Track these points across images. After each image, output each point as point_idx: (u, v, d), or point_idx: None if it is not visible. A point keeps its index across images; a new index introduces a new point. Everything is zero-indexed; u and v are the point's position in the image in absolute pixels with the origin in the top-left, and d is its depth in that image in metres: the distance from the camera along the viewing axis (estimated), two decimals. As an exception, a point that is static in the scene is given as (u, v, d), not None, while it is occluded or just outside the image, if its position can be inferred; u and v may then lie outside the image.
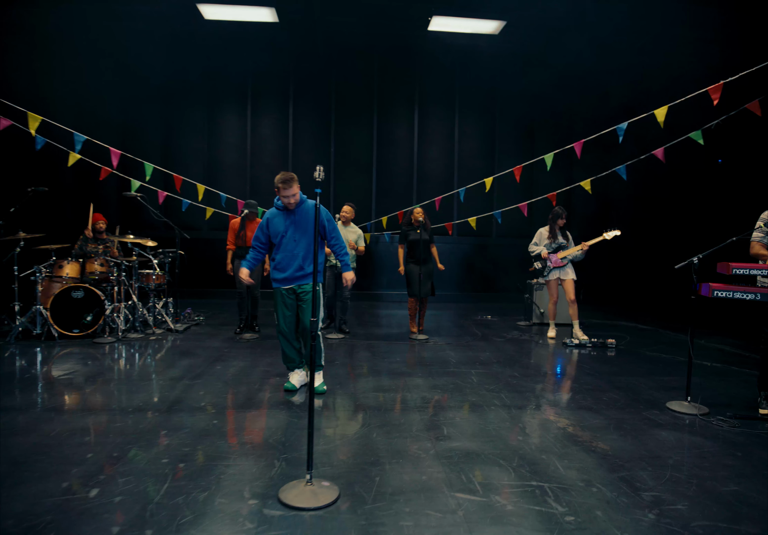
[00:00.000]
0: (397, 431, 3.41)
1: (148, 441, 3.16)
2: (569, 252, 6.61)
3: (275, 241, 4.06)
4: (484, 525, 2.29)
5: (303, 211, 4.00)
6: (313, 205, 3.88)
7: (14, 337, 5.89)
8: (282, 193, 3.87)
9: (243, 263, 4.14)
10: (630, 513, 2.42)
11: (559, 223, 6.73)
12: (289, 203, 3.91)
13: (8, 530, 2.18)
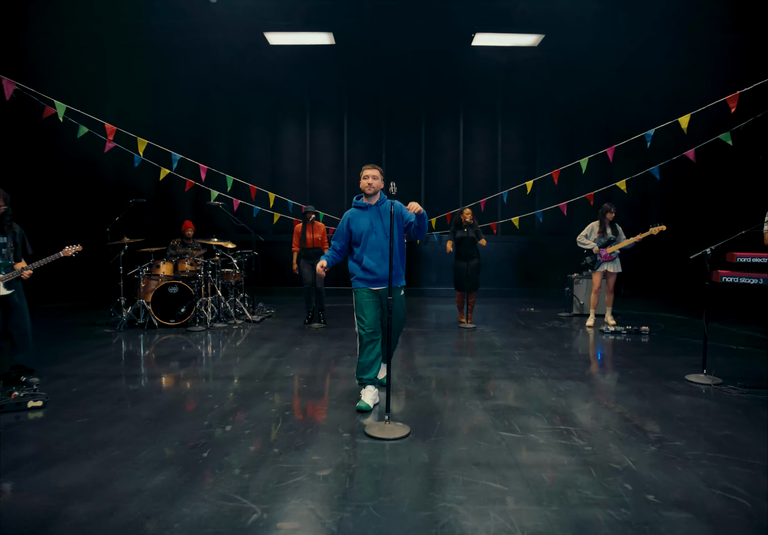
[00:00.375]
0: (452, 393, 4.19)
1: (258, 398, 4.05)
2: (619, 246, 7.16)
3: (358, 240, 3.93)
4: (521, 451, 3.05)
5: (384, 210, 3.93)
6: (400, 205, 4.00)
7: (122, 326, 6.97)
8: (364, 172, 3.96)
9: (323, 257, 3.99)
10: (636, 446, 3.13)
11: (608, 218, 7.24)
12: (369, 186, 3.90)
13: (179, 448, 3.08)
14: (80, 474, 2.72)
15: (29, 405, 3.73)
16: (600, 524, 2.26)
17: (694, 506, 2.41)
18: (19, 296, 4.43)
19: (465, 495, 2.51)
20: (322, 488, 2.59)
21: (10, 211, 4.33)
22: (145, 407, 3.85)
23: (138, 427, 3.41)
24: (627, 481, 2.66)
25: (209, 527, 2.22)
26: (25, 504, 2.40)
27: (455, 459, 2.93)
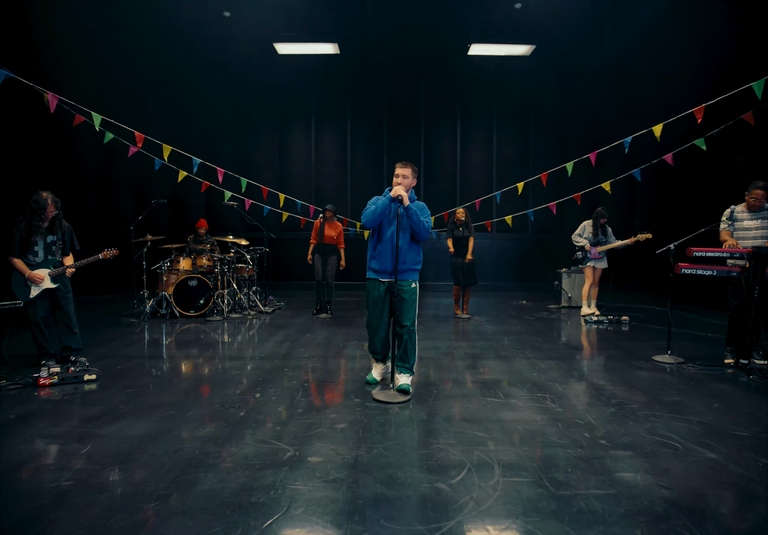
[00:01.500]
0: (447, 370, 4.83)
1: (278, 374, 4.69)
2: (607, 247, 7.93)
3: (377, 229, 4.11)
4: (503, 411, 3.69)
5: (410, 208, 3.96)
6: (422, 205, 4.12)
7: (146, 316, 7.60)
8: (397, 171, 4.08)
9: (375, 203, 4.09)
10: (599, 408, 3.77)
11: (601, 222, 8.03)
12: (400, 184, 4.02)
13: (217, 408, 3.71)
14: (144, 427, 3.35)
15: (85, 378, 4.37)
16: (560, 459, 2.90)
17: (636, 448, 3.05)
18: (65, 288, 5.05)
19: (454, 440, 3.15)
20: (340, 435, 3.23)
21: (61, 214, 4.96)
22: (183, 380, 4.49)
23: (181, 394, 4.05)
24: (585, 431, 3.30)
25: (254, 460, 2.86)
26: (107, 446, 3.04)
27: (447, 417, 3.57)
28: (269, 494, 2.47)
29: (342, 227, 8.15)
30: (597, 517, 2.28)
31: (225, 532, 2.15)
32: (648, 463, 2.84)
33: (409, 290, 4.08)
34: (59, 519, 2.24)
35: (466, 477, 2.66)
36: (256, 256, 8.68)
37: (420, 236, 4.06)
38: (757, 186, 4.96)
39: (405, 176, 4.08)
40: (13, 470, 2.73)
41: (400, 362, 4.12)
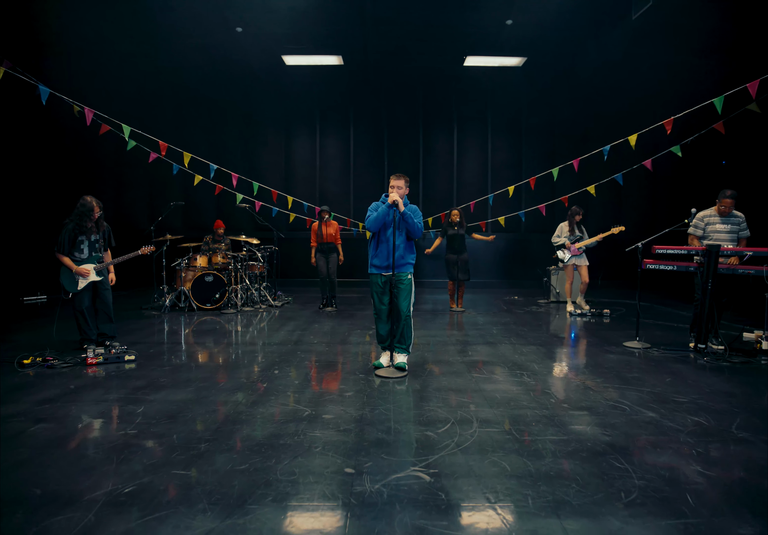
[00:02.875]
0: (439, 353, 5.50)
1: (292, 356, 5.36)
2: (585, 243, 8.37)
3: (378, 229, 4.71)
4: (486, 384, 4.36)
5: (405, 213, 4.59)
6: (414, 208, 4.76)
7: (166, 309, 8.27)
8: (392, 182, 4.68)
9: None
10: (567, 382, 4.44)
11: (576, 219, 8.47)
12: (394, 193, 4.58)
13: (244, 382, 4.38)
14: (184, 394, 4.02)
15: (126, 358, 5.04)
16: (527, 416, 3.56)
17: (591, 409, 3.72)
18: (107, 281, 5.73)
19: (442, 404, 3.82)
20: (348, 400, 3.90)
21: (103, 215, 5.64)
22: (209, 361, 5.16)
23: (210, 371, 4.72)
24: (553, 398, 3.97)
25: (279, 417, 3.53)
26: (157, 408, 3.71)
27: (438, 387, 4.24)
28: (294, 439, 3.14)
29: (338, 225, 8.80)
30: (549, 453, 2.95)
31: (262, 462, 2.82)
32: (598, 419, 3.51)
33: (406, 281, 4.74)
34: (133, 455, 2.91)
35: (450, 428, 3.33)
36: (266, 255, 9.34)
37: (414, 235, 4.75)
38: (726, 195, 5.61)
39: (399, 187, 4.70)
40: (84, 424, 3.40)
41: (398, 343, 4.78)
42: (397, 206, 4.60)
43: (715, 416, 3.56)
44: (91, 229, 5.56)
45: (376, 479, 2.63)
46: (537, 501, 2.41)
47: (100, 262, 5.61)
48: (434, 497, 2.45)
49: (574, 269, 8.66)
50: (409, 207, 4.76)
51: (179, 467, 2.75)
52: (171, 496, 2.44)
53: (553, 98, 11.99)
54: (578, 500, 2.41)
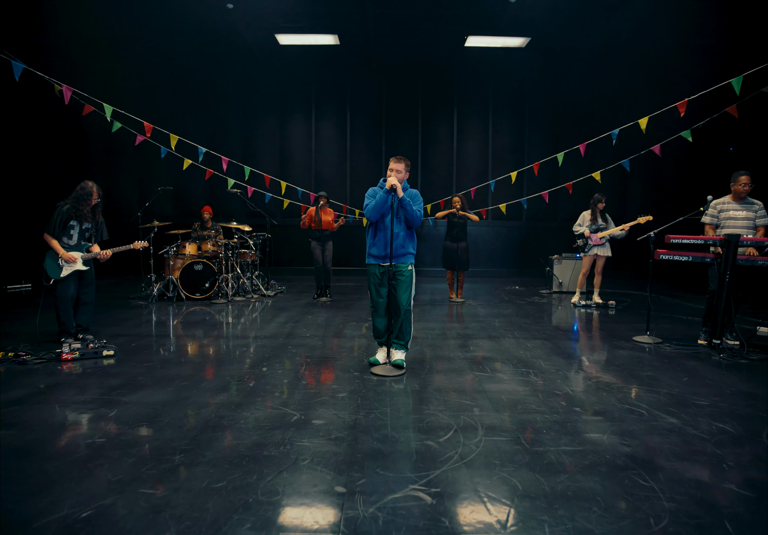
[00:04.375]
0: (439, 348, 5.19)
1: (283, 351, 5.04)
2: (608, 232, 7.86)
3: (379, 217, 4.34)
4: (489, 383, 4.05)
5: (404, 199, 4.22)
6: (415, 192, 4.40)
7: (154, 299, 7.93)
8: (391, 165, 4.30)
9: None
10: (577, 381, 4.13)
11: (599, 207, 7.96)
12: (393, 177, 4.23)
13: (229, 381, 4.06)
14: (163, 395, 3.70)
15: (104, 353, 4.71)
16: (537, 422, 3.25)
17: (605, 414, 3.41)
18: (92, 272, 5.42)
19: (443, 407, 3.51)
20: (341, 403, 3.58)
21: (101, 203, 5.31)
22: (195, 355, 4.84)
23: (194, 368, 4.40)
24: (564, 401, 3.66)
25: (265, 422, 3.21)
26: (132, 411, 3.39)
27: (438, 388, 3.92)
28: (279, 449, 2.82)
29: (334, 212, 8.44)
30: (564, 467, 2.64)
31: (242, 478, 2.50)
32: (615, 426, 3.20)
33: (406, 272, 4.40)
34: (97, 468, 2.59)
35: (452, 436, 3.01)
36: (259, 242, 8.99)
37: (413, 223, 4.38)
38: (741, 173, 5.27)
39: (399, 171, 4.32)
40: (49, 430, 3.08)
41: (396, 339, 4.46)
42: (395, 192, 4.25)
43: (741, 423, 3.26)
44: (86, 215, 5.25)
45: (370, 500, 2.31)
46: (555, 529, 2.10)
47: (88, 253, 5.29)
48: (436, 524, 2.14)
49: (594, 259, 8.15)
50: (409, 192, 4.42)
51: (148, 484, 2.43)
52: (133, 523, 2.12)
53: (558, 80, 11.57)
54: (602, 528, 2.11)
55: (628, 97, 10.96)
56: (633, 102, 10.65)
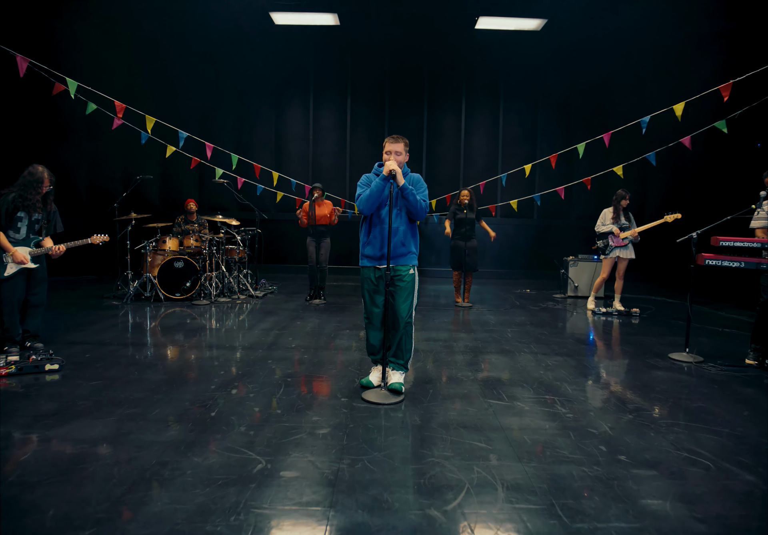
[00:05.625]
0: (445, 366, 4.42)
1: (261, 366, 4.28)
2: (630, 233, 7.08)
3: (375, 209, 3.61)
4: (507, 416, 3.28)
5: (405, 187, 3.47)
6: (417, 177, 3.68)
7: (129, 299, 7.19)
8: (387, 146, 3.55)
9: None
10: (614, 414, 3.36)
11: (622, 205, 7.15)
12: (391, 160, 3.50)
13: (188, 407, 3.31)
14: (100, 428, 2.95)
15: (47, 368, 3.96)
16: (573, 479, 2.49)
17: (660, 465, 2.64)
18: (43, 269, 4.68)
19: (452, 452, 2.75)
20: (321, 443, 2.82)
21: (53, 191, 4.56)
22: (155, 371, 4.08)
23: (150, 389, 3.65)
24: (602, 443, 2.89)
25: (218, 473, 2.45)
26: (51, 452, 2.64)
27: (444, 422, 3.16)
28: (229, 520, 2.07)
29: (333, 205, 7.68)
30: (623, 561, 1.88)
31: (168, 573, 1.75)
32: (677, 486, 2.44)
33: (406, 276, 3.63)
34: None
35: (463, 501, 2.26)
36: (247, 238, 8.24)
37: (417, 216, 3.62)
38: None
39: (398, 153, 3.58)
40: (-67, 482, 2.33)
41: (394, 357, 3.70)
42: (395, 178, 3.48)
43: (841, 482, 2.49)
44: (35, 205, 4.51)
45: None
46: None
47: (38, 247, 4.54)
48: None
49: (615, 261, 7.34)
50: (411, 177, 3.66)
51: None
52: None
53: (575, 67, 10.73)
54: None
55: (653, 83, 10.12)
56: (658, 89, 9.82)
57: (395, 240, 3.57)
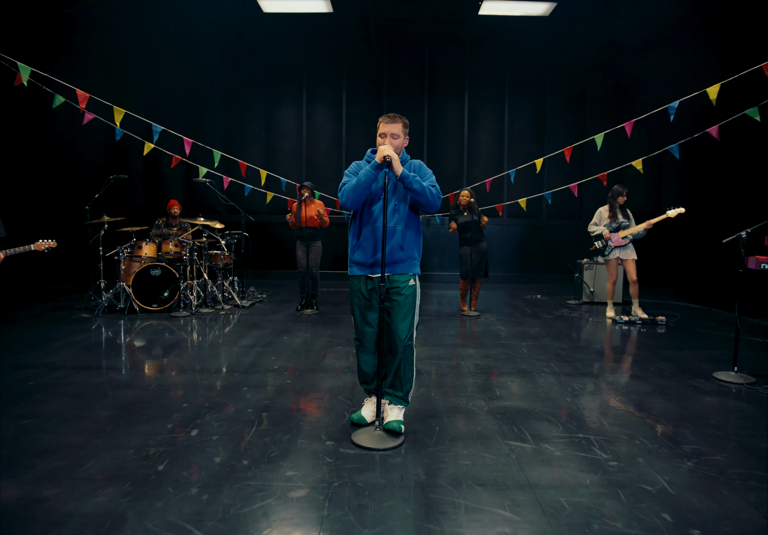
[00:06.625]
0: (453, 392, 3.73)
1: (234, 395, 3.59)
2: (631, 231, 6.53)
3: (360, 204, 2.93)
4: (535, 466, 2.59)
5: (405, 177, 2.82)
6: (418, 164, 3.06)
7: (101, 311, 6.52)
8: (382, 128, 2.91)
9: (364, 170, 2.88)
10: (670, 461, 2.66)
11: (619, 202, 6.62)
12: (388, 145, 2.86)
13: (131, 457, 2.62)
14: (11, 490, 2.26)
15: (-29, 402, 3.28)
16: (637, 571, 1.80)
17: (751, 546, 1.95)
18: None
19: (466, 525, 2.06)
20: (294, 511, 2.13)
21: None
22: (106, 404, 3.39)
23: (91, 430, 2.96)
24: (664, 508, 2.20)
25: (147, 569, 1.77)
26: (-74, 535, 1.95)
27: (456, 477, 2.46)
28: None
29: (324, 206, 7.01)
30: None
31: None
32: (784, 584, 1.74)
33: (405, 289, 2.94)
34: None
35: None
36: (233, 242, 7.55)
37: (429, 207, 2.90)
38: None
39: (395, 135, 2.92)
40: None
41: (391, 388, 3.02)
42: (391, 167, 2.79)
43: None
44: None
45: None
46: None
47: None
48: None
49: (618, 263, 6.86)
50: (411, 164, 3.01)
51: None
52: None
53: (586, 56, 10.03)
54: None
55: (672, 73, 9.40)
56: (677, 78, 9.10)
57: (392, 243, 2.90)
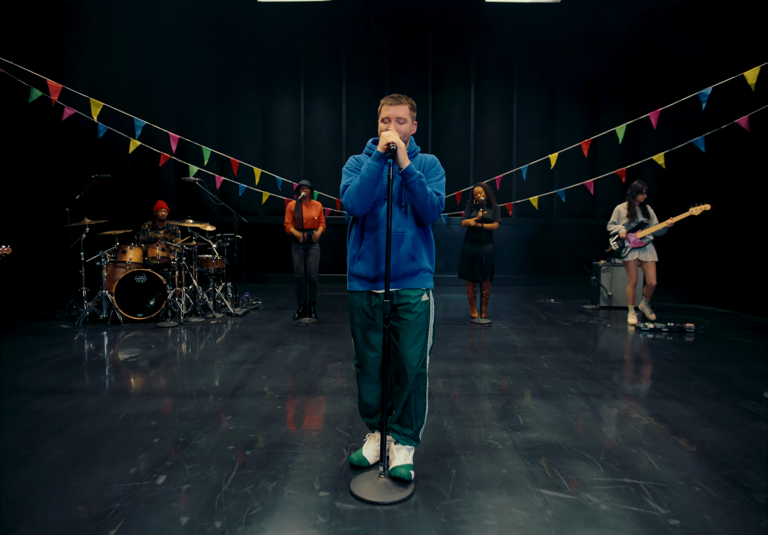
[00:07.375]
0: (469, 420, 3.22)
1: (213, 426, 3.09)
2: (650, 230, 6.08)
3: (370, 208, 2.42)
4: (577, 526, 2.08)
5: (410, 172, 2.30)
6: (432, 160, 2.52)
7: (82, 321, 6.04)
8: (385, 111, 2.41)
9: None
10: (744, 518, 2.15)
11: (639, 199, 6.18)
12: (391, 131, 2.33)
13: (78, 517, 2.13)
14: None
15: None
16: None
17: None
18: None
19: None
20: (272, 611, 1.63)
21: None
22: (63, 439, 2.89)
23: (33, 479, 2.45)
24: (754, 596, 1.69)
25: None
26: None
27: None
28: None
29: (322, 206, 6.54)
30: None
31: None
32: None
33: (417, 306, 2.42)
34: None
35: None
36: (225, 245, 7.06)
37: (424, 217, 2.39)
38: None
39: (401, 119, 2.41)
40: None
41: (398, 425, 2.51)
42: (394, 157, 2.28)
43: None
44: None
45: None
46: None
47: None
48: None
49: (638, 265, 6.37)
50: (422, 159, 2.50)
51: None
52: None
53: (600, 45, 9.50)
54: None
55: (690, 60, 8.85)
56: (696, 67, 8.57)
57: (400, 252, 2.39)
